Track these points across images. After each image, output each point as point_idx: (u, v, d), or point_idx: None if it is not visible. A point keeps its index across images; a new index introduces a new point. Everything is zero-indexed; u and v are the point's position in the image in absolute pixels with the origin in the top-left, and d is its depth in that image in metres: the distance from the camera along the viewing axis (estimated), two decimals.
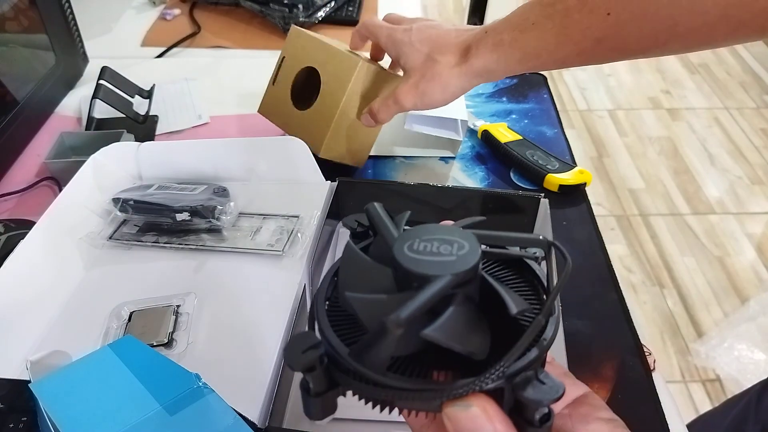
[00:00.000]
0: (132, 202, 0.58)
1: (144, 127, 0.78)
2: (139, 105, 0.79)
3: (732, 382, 1.46)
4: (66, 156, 0.69)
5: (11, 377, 0.44)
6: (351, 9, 1.06)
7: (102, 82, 0.75)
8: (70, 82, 0.87)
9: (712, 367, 1.49)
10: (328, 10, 1.03)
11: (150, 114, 0.80)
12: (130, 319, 0.49)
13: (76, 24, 0.85)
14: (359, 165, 0.70)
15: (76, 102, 0.84)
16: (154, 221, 0.58)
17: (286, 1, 1.00)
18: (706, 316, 1.60)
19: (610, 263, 0.60)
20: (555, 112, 0.83)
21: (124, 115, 0.76)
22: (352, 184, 0.63)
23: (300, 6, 1.00)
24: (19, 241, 0.51)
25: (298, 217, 0.58)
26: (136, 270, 0.55)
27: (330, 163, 0.65)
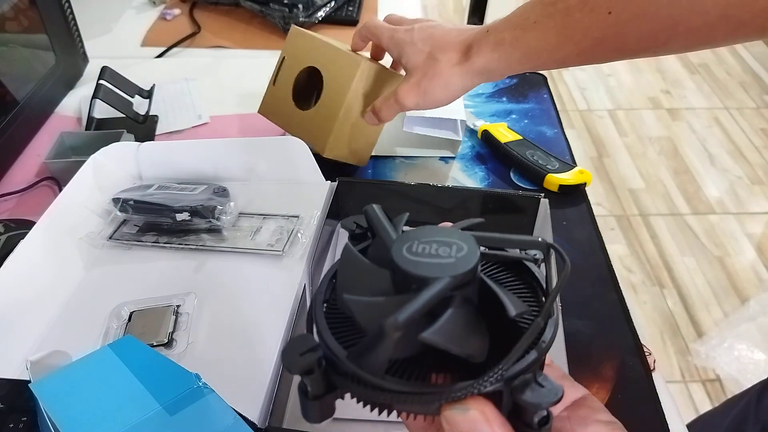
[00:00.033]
0: (132, 202, 0.58)
1: (144, 127, 0.78)
2: (139, 105, 0.79)
3: (732, 382, 1.46)
4: (66, 156, 0.69)
5: (11, 377, 0.44)
6: (351, 9, 1.06)
7: (102, 82, 0.75)
8: (70, 82, 0.87)
9: (712, 367, 1.49)
10: (328, 10, 1.03)
11: (150, 114, 0.80)
12: (130, 319, 0.49)
13: (76, 24, 0.85)
14: (362, 164, 0.70)
15: (76, 102, 0.84)
16: (154, 221, 0.58)
17: (286, 1, 1.00)
18: (706, 316, 1.60)
19: (610, 263, 0.60)
20: (555, 112, 0.83)
21: (124, 115, 0.76)
22: (352, 184, 0.63)
23: (300, 6, 1.00)
24: (19, 241, 0.51)
25: (298, 217, 0.58)
26: (136, 270, 0.55)
27: (330, 162, 0.65)
